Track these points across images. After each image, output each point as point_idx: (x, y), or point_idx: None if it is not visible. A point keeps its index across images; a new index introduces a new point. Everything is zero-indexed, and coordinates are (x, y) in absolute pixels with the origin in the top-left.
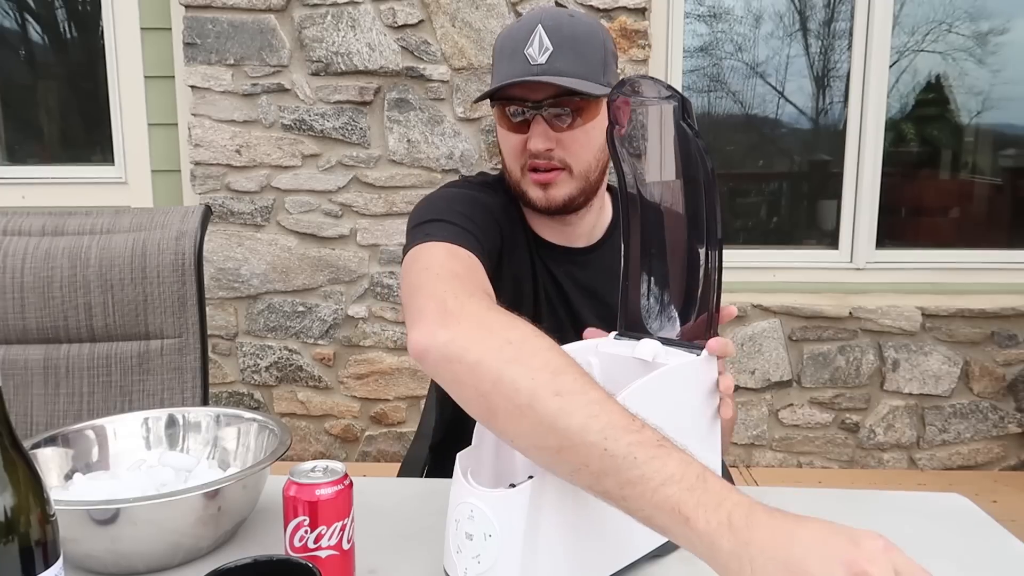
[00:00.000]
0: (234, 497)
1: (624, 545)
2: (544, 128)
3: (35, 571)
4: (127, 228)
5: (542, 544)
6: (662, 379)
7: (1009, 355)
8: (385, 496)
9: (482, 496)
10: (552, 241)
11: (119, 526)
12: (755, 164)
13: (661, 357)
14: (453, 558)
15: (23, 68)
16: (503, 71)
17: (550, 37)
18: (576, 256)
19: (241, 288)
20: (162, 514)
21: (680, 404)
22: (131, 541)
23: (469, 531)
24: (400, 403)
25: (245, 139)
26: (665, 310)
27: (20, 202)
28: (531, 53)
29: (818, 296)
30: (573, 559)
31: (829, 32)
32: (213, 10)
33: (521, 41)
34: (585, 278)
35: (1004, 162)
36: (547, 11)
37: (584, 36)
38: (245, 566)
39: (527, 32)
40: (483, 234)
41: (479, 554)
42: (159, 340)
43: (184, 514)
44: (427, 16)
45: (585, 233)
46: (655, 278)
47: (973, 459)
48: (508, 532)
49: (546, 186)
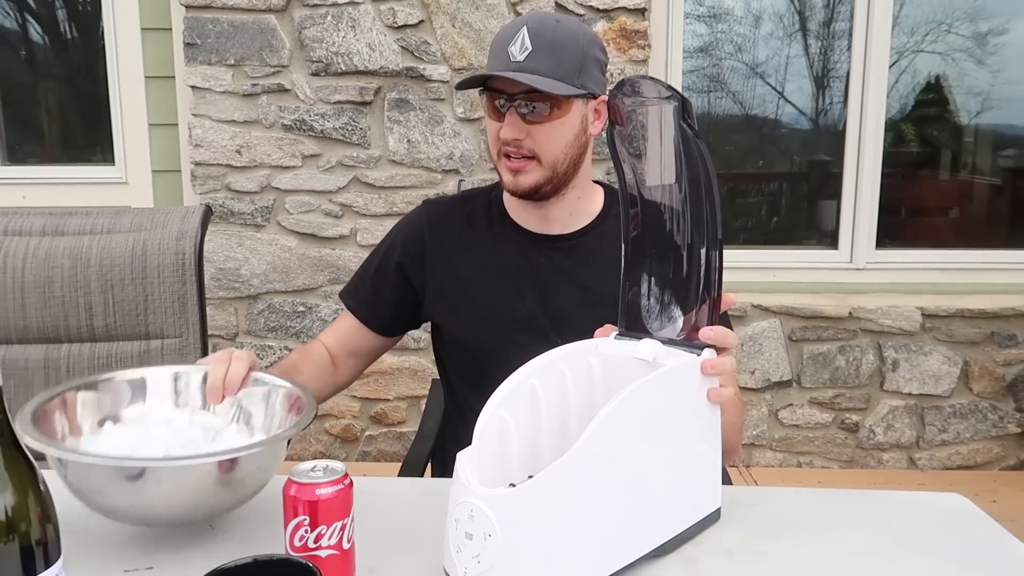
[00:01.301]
0: (257, 464)
1: (624, 544)
2: (516, 119)
3: (35, 571)
4: (127, 228)
5: (542, 543)
6: (662, 379)
7: (1009, 355)
8: (385, 496)
9: (482, 496)
10: (529, 229)
11: (143, 482)
12: (755, 164)
13: (661, 357)
14: (453, 558)
15: (23, 68)
16: (489, 64)
17: (532, 39)
18: (555, 242)
19: (241, 288)
20: (185, 475)
21: (680, 404)
22: (154, 497)
23: (469, 531)
24: (400, 403)
25: (245, 139)
26: (665, 310)
27: (21, 202)
28: (513, 51)
29: (818, 296)
30: (573, 558)
31: (829, 32)
32: (213, 10)
33: (507, 39)
34: (562, 263)
35: (1004, 162)
36: (537, 15)
37: (563, 40)
38: (245, 566)
39: (513, 32)
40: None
41: (479, 554)
42: (159, 340)
43: (206, 476)
44: (427, 16)
45: (560, 219)
46: (655, 278)
47: (973, 459)
48: (508, 532)
49: (516, 172)
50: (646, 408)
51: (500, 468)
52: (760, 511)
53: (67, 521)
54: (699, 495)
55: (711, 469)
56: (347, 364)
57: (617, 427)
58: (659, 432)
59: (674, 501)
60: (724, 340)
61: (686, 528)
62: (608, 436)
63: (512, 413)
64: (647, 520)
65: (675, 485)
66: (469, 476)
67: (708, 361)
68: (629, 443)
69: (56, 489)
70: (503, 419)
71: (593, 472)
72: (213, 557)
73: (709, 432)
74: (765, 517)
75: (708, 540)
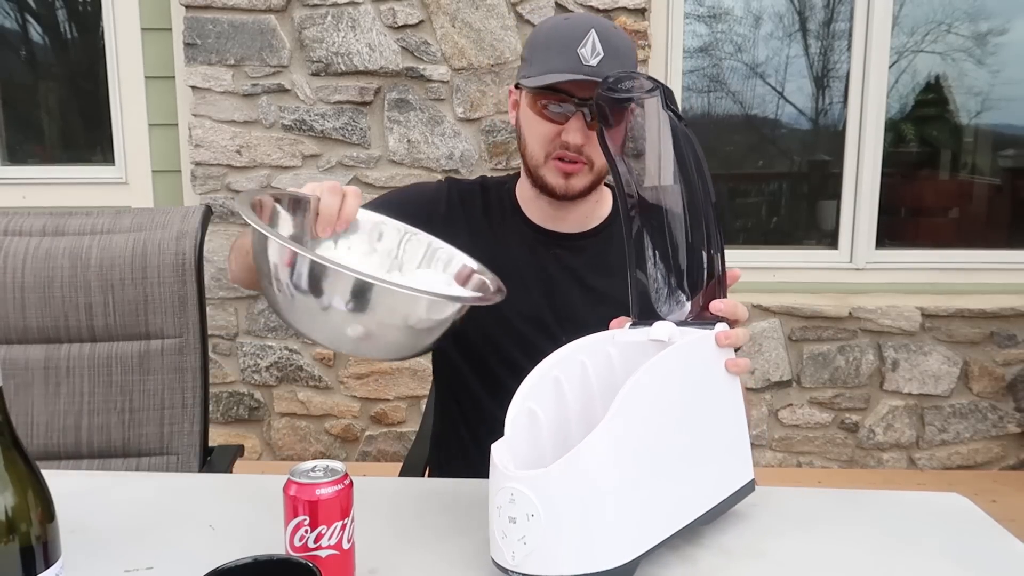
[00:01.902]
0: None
1: (662, 516)
2: (581, 124)
3: (35, 571)
4: (127, 228)
5: (583, 517)
6: (679, 352)
7: (1009, 355)
8: (385, 496)
9: (520, 478)
10: (541, 225)
11: (377, 310)
12: (755, 164)
13: (676, 337)
14: (499, 544)
15: (23, 68)
16: (552, 64)
17: (602, 43)
18: (565, 240)
19: (241, 288)
20: (433, 311)
21: (699, 377)
22: (380, 325)
23: (512, 515)
24: (400, 403)
25: (245, 139)
26: (674, 294)
27: (20, 202)
28: (584, 53)
29: (818, 296)
30: (615, 529)
31: (829, 32)
32: (213, 10)
33: (574, 40)
34: (571, 261)
35: (1003, 162)
36: (595, 18)
37: (626, 48)
38: (245, 566)
39: (581, 33)
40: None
41: (524, 535)
42: (159, 340)
43: (443, 317)
44: (427, 16)
45: (576, 219)
46: (661, 264)
47: (972, 459)
48: (550, 510)
49: (568, 176)
50: (667, 381)
51: (532, 457)
52: (760, 511)
53: (67, 521)
54: (731, 467)
55: (740, 441)
56: None
57: (641, 400)
58: (682, 405)
59: (707, 473)
60: (735, 312)
61: (722, 500)
62: (633, 409)
63: (540, 404)
64: (682, 492)
65: (706, 457)
66: (506, 463)
67: (722, 333)
68: (654, 416)
69: (56, 489)
70: (532, 410)
71: (624, 445)
72: (213, 557)
73: (732, 404)
74: (765, 517)
75: (708, 540)
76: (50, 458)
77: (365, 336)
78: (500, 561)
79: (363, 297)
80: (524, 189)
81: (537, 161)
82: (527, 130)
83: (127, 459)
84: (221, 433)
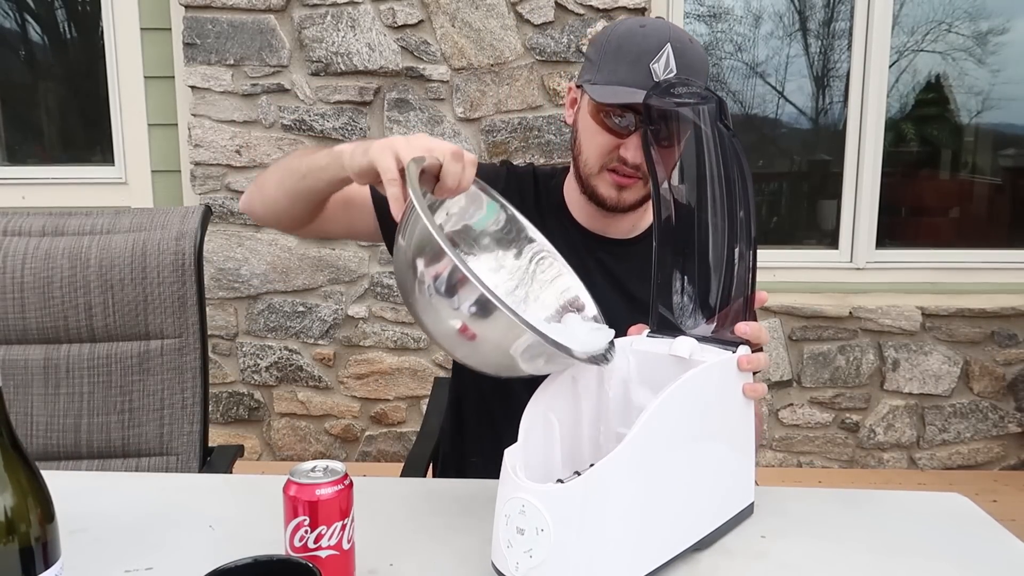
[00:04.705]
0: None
1: (668, 539)
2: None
3: (35, 571)
4: (127, 228)
5: (593, 538)
6: (704, 376)
7: (1009, 355)
8: (385, 496)
9: (533, 491)
10: (588, 228)
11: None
12: (755, 164)
13: (697, 354)
14: (503, 552)
15: (23, 68)
16: (621, 75)
17: (676, 59)
18: (610, 246)
19: (241, 288)
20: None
21: (718, 400)
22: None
23: (520, 526)
24: (400, 403)
25: (245, 139)
26: (699, 308)
27: (20, 202)
28: (656, 68)
29: (818, 296)
30: (622, 552)
31: (829, 32)
32: (213, 10)
33: (647, 53)
34: (614, 267)
35: (1004, 162)
36: (672, 30)
37: (700, 64)
38: (245, 566)
39: (656, 46)
40: None
41: (531, 548)
42: (159, 340)
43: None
44: (427, 16)
45: (623, 226)
46: (687, 277)
47: (973, 459)
48: (560, 527)
49: (622, 188)
50: (689, 404)
51: (543, 463)
52: (760, 511)
53: (67, 521)
54: (735, 489)
55: (745, 464)
56: (331, 209)
57: (663, 423)
58: (699, 427)
59: (712, 495)
60: (759, 336)
61: (723, 522)
62: (655, 432)
63: (555, 409)
64: (688, 515)
65: (713, 479)
66: (519, 472)
67: (745, 357)
68: (674, 438)
69: (56, 489)
70: (547, 416)
71: (641, 467)
72: (213, 557)
73: (744, 427)
74: (765, 517)
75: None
76: (50, 458)
77: (482, 364)
78: (503, 569)
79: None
80: (572, 191)
81: (591, 170)
82: (584, 137)
83: (127, 459)
84: (221, 433)
